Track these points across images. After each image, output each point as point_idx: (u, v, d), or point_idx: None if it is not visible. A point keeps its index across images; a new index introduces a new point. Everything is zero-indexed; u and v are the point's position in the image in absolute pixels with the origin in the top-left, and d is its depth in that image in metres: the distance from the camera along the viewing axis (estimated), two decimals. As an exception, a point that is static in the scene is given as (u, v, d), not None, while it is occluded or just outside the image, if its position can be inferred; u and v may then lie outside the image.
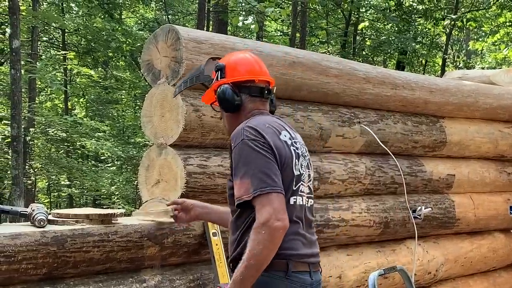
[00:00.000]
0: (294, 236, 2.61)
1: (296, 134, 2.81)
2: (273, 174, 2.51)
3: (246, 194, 2.49)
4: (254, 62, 2.85)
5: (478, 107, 5.39)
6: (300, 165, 2.68)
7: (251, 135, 2.56)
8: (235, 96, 2.74)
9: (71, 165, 17.02)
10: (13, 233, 2.72)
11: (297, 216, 2.63)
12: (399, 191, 4.74)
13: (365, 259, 4.49)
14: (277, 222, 2.44)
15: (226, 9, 14.51)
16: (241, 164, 2.54)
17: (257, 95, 2.79)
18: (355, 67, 4.40)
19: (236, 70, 2.79)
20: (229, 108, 2.77)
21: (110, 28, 16.82)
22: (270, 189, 2.48)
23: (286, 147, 2.64)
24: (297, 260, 2.61)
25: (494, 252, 5.60)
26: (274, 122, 2.71)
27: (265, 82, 2.84)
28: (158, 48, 3.48)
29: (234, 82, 2.77)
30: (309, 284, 2.65)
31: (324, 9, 18.80)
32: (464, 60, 20.89)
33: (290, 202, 2.60)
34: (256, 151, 2.53)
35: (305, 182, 2.71)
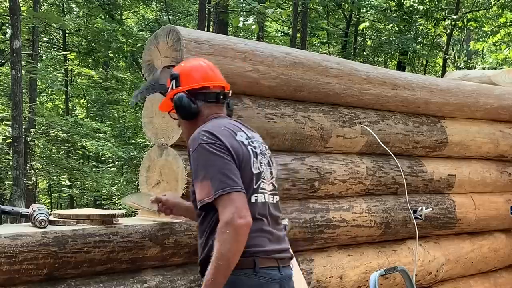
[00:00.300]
0: (259, 233, 2.66)
1: (254, 134, 2.87)
2: (232, 174, 2.57)
3: (207, 196, 2.54)
4: (208, 68, 2.91)
5: (479, 107, 5.39)
6: (259, 163, 2.73)
7: (208, 138, 2.62)
8: (191, 104, 2.81)
9: (72, 165, 17.02)
10: (14, 234, 2.72)
11: (260, 213, 2.68)
12: (400, 192, 4.74)
13: (366, 259, 4.49)
14: (240, 220, 2.48)
15: (227, 10, 14.52)
16: (200, 167, 2.59)
17: (213, 101, 2.86)
18: (356, 68, 4.41)
19: (190, 78, 2.86)
20: (186, 116, 2.84)
21: (111, 28, 16.82)
22: (231, 189, 2.53)
23: (243, 146, 2.69)
24: (264, 257, 2.65)
25: (495, 252, 5.60)
26: (229, 124, 2.77)
27: (220, 87, 2.91)
28: (158, 48, 3.48)
29: (189, 90, 2.83)
30: (278, 279, 2.68)
31: (325, 9, 18.80)
32: (465, 61, 20.87)
33: (251, 200, 2.65)
34: (214, 153, 2.58)
35: (266, 179, 2.76)
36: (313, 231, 4.08)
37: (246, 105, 3.71)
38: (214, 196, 2.53)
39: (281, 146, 3.96)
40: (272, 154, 3.87)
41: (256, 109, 3.76)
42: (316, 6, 18.06)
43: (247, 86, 3.72)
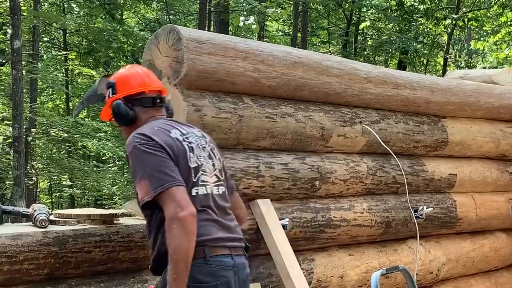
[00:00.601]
0: (205, 222, 2.69)
1: (192, 130, 2.90)
2: (169, 170, 2.61)
3: (147, 195, 2.58)
4: (143, 74, 2.98)
5: (480, 106, 5.39)
6: (196, 157, 2.77)
7: (141, 140, 2.67)
8: (128, 110, 2.87)
9: (73, 165, 17.01)
10: (14, 234, 2.73)
11: (203, 205, 2.72)
12: (401, 191, 4.73)
13: (367, 259, 4.49)
14: (183, 212, 2.52)
15: (227, 9, 14.51)
16: (137, 168, 2.64)
17: (150, 105, 2.91)
18: (357, 67, 4.40)
19: (126, 85, 2.92)
20: (124, 122, 2.90)
21: (111, 28, 16.81)
22: (169, 184, 2.57)
23: (178, 142, 2.74)
24: (214, 245, 2.68)
25: (496, 251, 5.60)
26: (163, 124, 2.83)
27: (157, 91, 2.96)
28: (159, 48, 3.48)
29: (126, 96, 2.89)
30: (232, 265, 2.72)
31: (325, 9, 18.80)
32: (466, 60, 20.87)
33: (192, 193, 2.68)
34: (149, 153, 2.63)
35: (207, 172, 2.80)
36: (314, 231, 4.08)
37: (246, 105, 3.71)
38: (153, 194, 2.56)
39: (281, 145, 3.96)
40: (273, 153, 3.89)
41: (257, 108, 3.76)
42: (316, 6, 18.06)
43: (248, 85, 3.72)
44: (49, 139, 17.26)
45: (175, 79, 3.41)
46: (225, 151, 3.65)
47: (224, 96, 3.64)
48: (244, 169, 3.68)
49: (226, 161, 3.59)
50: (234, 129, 3.61)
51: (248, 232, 3.69)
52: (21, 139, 11.64)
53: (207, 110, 3.46)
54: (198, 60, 3.40)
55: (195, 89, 3.49)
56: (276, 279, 3.82)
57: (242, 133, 3.68)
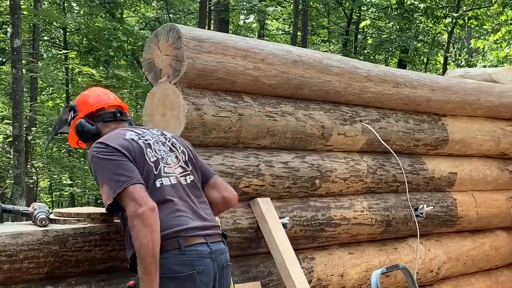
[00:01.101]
0: (176, 213, 2.75)
1: (151, 130, 3.00)
2: (125, 170, 2.70)
3: (108, 198, 2.67)
4: (101, 92, 3.15)
5: (480, 105, 5.38)
6: (154, 151, 2.85)
7: (98, 148, 2.77)
8: (90, 126, 3.01)
9: (73, 164, 17.03)
10: (15, 232, 2.72)
11: (170, 195, 2.77)
12: (401, 190, 4.73)
13: (367, 257, 4.49)
14: (141, 208, 2.59)
15: (228, 8, 14.51)
16: (98, 175, 2.75)
17: (111, 119, 3.05)
18: (357, 66, 4.40)
19: (85, 104, 3.08)
20: (88, 138, 3.04)
21: (112, 27, 16.82)
22: (126, 184, 2.65)
23: (133, 142, 2.82)
24: (188, 235, 2.72)
25: (496, 250, 5.60)
26: (118, 131, 2.93)
27: (116, 107, 3.10)
28: (159, 47, 3.48)
29: (87, 115, 3.04)
30: (208, 253, 2.76)
31: (326, 7, 18.80)
32: (466, 58, 20.86)
33: (156, 185, 2.77)
34: (105, 159, 2.73)
35: (171, 163, 2.88)
36: (314, 229, 4.08)
37: (247, 103, 3.71)
38: (113, 196, 2.64)
39: (282, 144, 3.96)
40: (273, 152, 3.89)
41: (257, 107, 3.75)
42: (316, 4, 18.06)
43: (248, 84, 3.72)
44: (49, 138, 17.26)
45: (175, 78, 3.41)
46: (225, 149, 3.66)
47: (224, 94, 3.64)
48: (244, 168, 3.68)
49: (226, 160, 3.60)
50: (234, 128, 3.61)
51: (248, 230, 3.69)
52: (21, 138, 11.65)
53: (207, 108, 3.46)
54: (198, 58, 3.40)
55: (195, 88, 3.49)
56: (276, 278, 3.82)
57: (242, 131, 3.68)
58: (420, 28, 18.44)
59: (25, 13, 14.77)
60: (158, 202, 2.69)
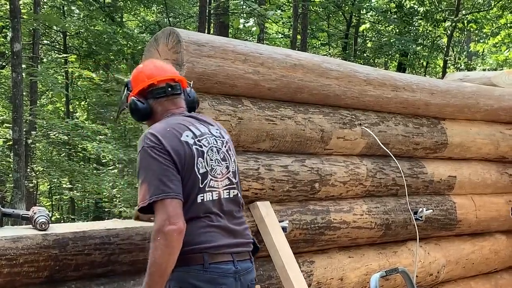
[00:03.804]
0: (208, 229, 2.68)
1: (210, 128, 2.86)
2: (169, 180, 2.59)
3: (143, 200, 2.59)
4: (152, 66, 2.96)
5: (479, 108, 5.39)
6: (206, 161, 2.73)
7: (151, 142, 2.65)
8: (141, 104, 2.86)
9: (73, 168, 17.01)
10: (14, 236, 2.73)
11: (206, 211, 2.69)
12: (400, 193, 4.74)
13: (367, 261, 4.49)
14: (170, 227, 2.51)
15: (227, 12, 14.52)
16: (141, 171, 2.64)
17: (162, 95, 2.87)
18: (356, 69, 4.41)
19: (137, 80, 2.91)
20: (141, 117, 2.91)
21: (111, 31, 16.83)
22: (165, 195, 2.55)
23: (187, 148, 2.69)
24: (215, 252, 2.67)
25: (496, 253, 5.60)
26: (177, 124, 2.76)
27: (167, 80, 2.90)
28: (159, 51, 3.49)
29: (139, 93, 2.88)
30: (233, 272, 2.70)
31: (325, 11, 18.82)
32: (465, 62, 20.89)
33: (197, 200, 2.67)
34: (154, 158, 2.61)
35: (218, 176, 2.77)
36: (313, 233, 4.08)
37: (246, 107, 3.71)
38: (148, 201, 2.57)
39: (281, 148, 3.97)
40: (272, 155, 3.89)
41: (256, 111, 3.76)
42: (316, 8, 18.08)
43: (247, 88, 3.73)
44: (49, 141, 17.28)
45: (174, 82, 3.41)
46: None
47: (223, 98, 3.64)
48: (243, 172, 3.68)
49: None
50: (233, 132, 3.62)
51: (248, 234, 3.69)
52: (21, 142, 11.65)
53: (206, 112, 3.47)
54: (197, 62, 3.40)
55: (196, 90, 3.49)
56: (276, 281, 3.83)
57: (241, 135, 3.69)
58: (419, 31, 18.48)
59: (25, 17, 14.78)
60: (194, 217, 2.65)
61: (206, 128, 2.85)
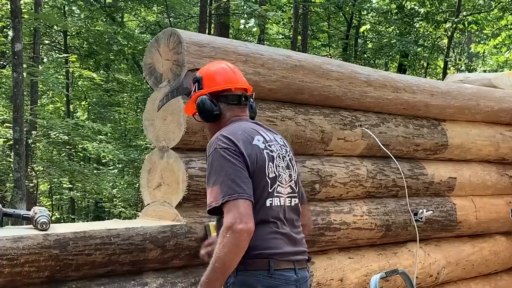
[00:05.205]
0: (275, 235, 2.69)
1: (274, 136, 2.89)
2: (242, 182, 2.61)
3: (215, 200, 2.59)
4: (230, 71, 2.95)
5: (480, 110, 5.40)
6: (275, 167, 2.76)
7: (224, 143, 2.66)
8: (213, 106, 2.85)
9: (73, 168, 17.02)
10: (15, 236, 2.73)
11: (274, 217, 2.71)
12: (401, 194, 4.74)
13: (367, 262, 4.50)
14: (241, 225, 2.52)
15: (228, 12, 14.53)
16: (213, 172, 2.64)
17: (235, 103, 2.89)
18: (357, 70, 4.41)
19: (213, 81, 2.90)
20: (208, 118, 2.89)
21: (112, 31, 16.85)
22: (238, 195, 2.57)
23: (259, 151, 2.72)
24: (280, 259, 2.68)
25: (496, 255, 5.60)
26: (248, 128, 2.80)
27: (242, 89, 2.94)
28: (160, 51, 3.49)
29: (211, 92, 2.87)
30: (294, 280, 2.71)
31: (326, 12, 18.83)
32: (466, 63, 20.90)
33: (266, 204, 2.69)
34: (227, 159, 2.63)
35: (283, 183, 2.79)
36: (313, 234, 4.08)
37: (247, 108, 3.71)
38: (221, 201, 2.57)
39: (282, 148, 3.96)
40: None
41: (257, 111, 3.76)
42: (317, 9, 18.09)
43: (248, 89, 3.73)
44: (50, 141, 17.28)
45: (175, 83, 3.42)
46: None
47: (224, 99, 3.64)
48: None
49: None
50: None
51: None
52: (22, 142, 11.65)
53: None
54: (198, 63, 3.40)
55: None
56: (276, 282, 3.82)
57: (242, 136, 3.68)
58: (420, 32, 18.47)
59: (26, 16, 14.79)
60: (262, 221, 2.65)
61: (272, 135, 2.89)
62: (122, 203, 18.42)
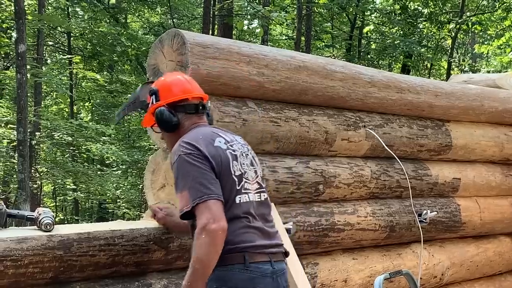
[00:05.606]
0: (247, 229, 2.75)
1: (234, 137, 2.96)
2: (209, 183, 2.66)
3: (186, 205, 2.64)
4: (186, 82, 3.02)
5: (484, 110, 5.39)
6: (240, 164, 2.83)
7: (187, 149, 2.71)
8: (172, 116, 2.91)
9: (77, 169, 17.04)
10: (19, 237, 2.73)
11: (245, 212, 2.76)
12: (405, 195, 4.73)
13: (371, 263, 4.49)
14: (214, 225, 2.56)
15: (231, 13, 14.53)
16: (180, 178, 2.70)
17: (193, 112, 2.96)
18: (360, 71, 4.41)
19: (169, 92, 2.96)
20: (168, 128, 2.95)
21: (116, 32, 16.86)
22: (207, 197, 2.62)
23: (222, 152, 2.78)
24: (254, 252, 2.73)
25: (500, 256, 5.59)
26: (208, 132, 2.86)
27: (199, 98, 3.00)
28: (164, 52, 3.49)
29: (169, 103, 2.93)
30: (271, 272, 2.76)
31: (329, 12, 18.82)
32: (470, 64, 20.86)
33: (236, 201, 2.75)
34: (192, 164, 2.68)
35: (250, 179, 2.85)
36: (317, 235, 4.08)
37: (250, 109, 3.72)
38: (191, 205, 2.62)
39: (285, 149, 3.97)
40: (277, 157, 3.90)
41: (261, 112, 3.76)
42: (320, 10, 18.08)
43: (252, 90, 3.73)
44: (53, 142, 17.29)
45: (179, 83, 3.41)
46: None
47: (228, 100, 3.65)
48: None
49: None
50: (238, 133, 3.62)
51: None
52: (26, 143, 11.66)
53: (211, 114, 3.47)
54: (202, 64, 3.41)
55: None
56: (280, 283, 3.82)
57: (246, 137, 3.67)
58: (423, 33, 18.45)
59: (30, 18, 14.81)
60: (233, 217, 2.70)
61: (232, 136, 2.95)
62: (126, 204, 18.42)
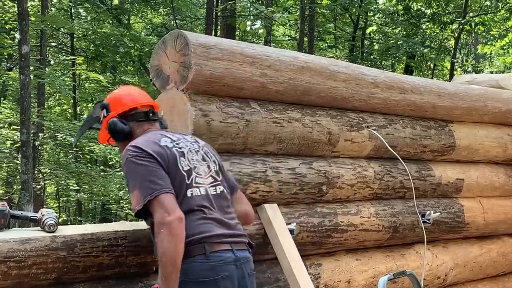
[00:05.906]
0: (203, 220, 2.80)
1: (184, 136, 3.04)
2: (159, 179, 2.73)
3: (138, 203, 2.70)
4: (135, 91, 3.16)
5: (487, 111, 5.38)
6: (187, 160, 2.89)
7: (133, 152, 2.79)
8: (123, 126, 3.02)
9: (80, 170, 17.06)
10: (23, 238, 2.74)
11: (199, 205, 2.81)
12: (408, 196, 4.73)
13: (374, 263, 4.49)
14: (170, 217, 2.62)
15: (234, 14, 14.54)
16: (130, 179, 2.77)
17: (143, 119, 3.06)
18: (364, 72, 4.40)
19: (119, 103, 3.08)
20: (120, 138, 3.04)
21: (119, 33, 16.88)
22: (157, 192, 2.68)
23: (167, 149, 2.85)
24: (214, 241, 2.77)
25: (504, 256, 5.58)
26: (154, 135, 2.95)
27: (149, 106, 3.11)
28: (167, 53, 3.50)
29: (120, 114, 3.04)
30: (234, 260, 2.80)
31: (332, 13, 18.82)
32: (473, 64, 20.84)
33: (187, 195, 2.80)
34: (139, 164, 2.76)
35: (202, 173, 2.92)
36: (321, 235, 4.08)
37: (253, 110, 3.71)
38: (143, 203, 2.67)
39: (288, 150, 3.97)
40: (280, 158, 3.90)
41: (264, 113, 3.76)
42: (323, 10, 18.09)
43: (255, 90, 3.73)
44: (57, 143, 17.32)
45: (182, 84, 3.42)
46: (232, 156, 3.66)
47: (231, 101, 3.64)
48: (251, 174, 3.68)
49: (234, 166, 3.60)
50: (241, 134, 3.62)
51: (255, 236, 3.69)
52: (29, 144, 11.68)
53: (214, 115, 3.47)
54: (205, 65, 3.41)
55: (202, 94, 3.50)
56: (283, 284, 3.82)
57: (249, 138, 3.69)
58: (427, 33, 18.44)
59: (33, 19, 14.83)
60: (187, 211, 2.73)
61: (180, 135, 3.03)
62: (129, 205, 18.42)
